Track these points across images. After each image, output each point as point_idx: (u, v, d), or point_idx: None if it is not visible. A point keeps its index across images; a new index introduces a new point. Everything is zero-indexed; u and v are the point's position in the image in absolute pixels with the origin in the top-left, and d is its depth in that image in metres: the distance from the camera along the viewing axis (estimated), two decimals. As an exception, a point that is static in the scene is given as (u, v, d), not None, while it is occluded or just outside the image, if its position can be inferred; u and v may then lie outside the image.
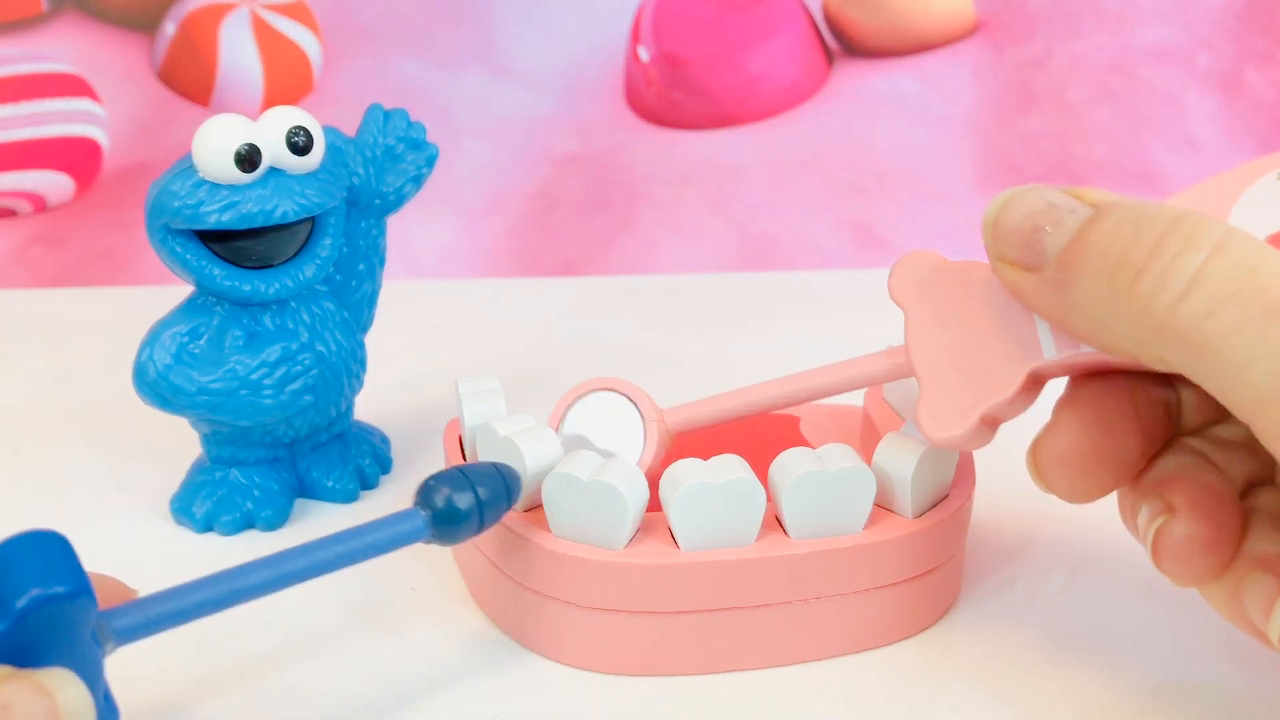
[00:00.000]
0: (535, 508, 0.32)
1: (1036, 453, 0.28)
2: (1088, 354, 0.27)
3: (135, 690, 0.29)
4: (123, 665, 0.26)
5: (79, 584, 0.23)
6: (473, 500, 0.28)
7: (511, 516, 0.31)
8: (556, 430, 0.33)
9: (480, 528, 0.29)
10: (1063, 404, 0.28)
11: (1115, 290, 0.24)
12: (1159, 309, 0.23)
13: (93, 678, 0.23)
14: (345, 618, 0.33)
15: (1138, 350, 0.24)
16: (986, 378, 0.28)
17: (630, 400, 0.33)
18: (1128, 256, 0.24)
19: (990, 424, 0.28)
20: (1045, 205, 0.26)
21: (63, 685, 0.22)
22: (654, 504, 0.31)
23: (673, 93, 0.59)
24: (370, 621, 0.33)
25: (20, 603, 0.22)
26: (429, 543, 0.29)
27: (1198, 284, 0.23)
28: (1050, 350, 0.27)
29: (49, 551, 0.23)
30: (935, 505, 0.32)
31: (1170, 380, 0.28)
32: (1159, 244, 0.24)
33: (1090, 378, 0.28)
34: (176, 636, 0.26)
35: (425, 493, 0.29)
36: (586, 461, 0.30)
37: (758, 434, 0.37)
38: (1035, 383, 0.28)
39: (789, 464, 0.31)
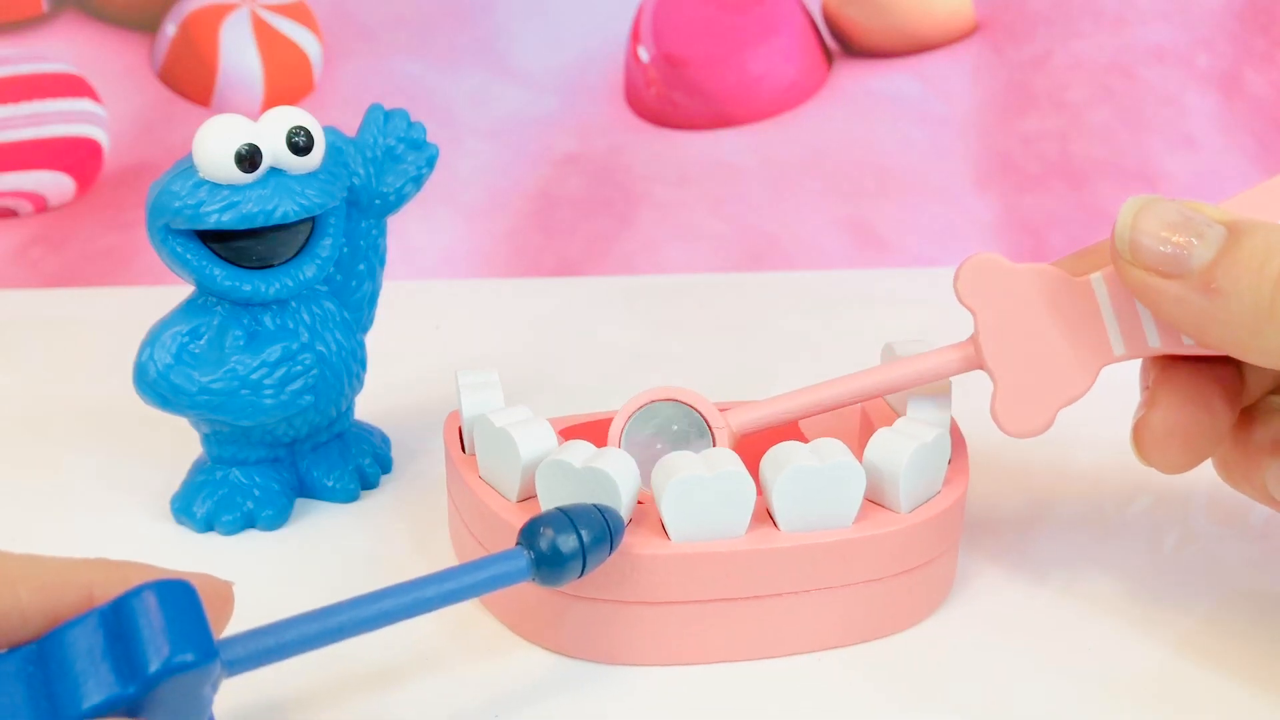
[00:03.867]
0: (530, 498, 0.32)
1: (1140, 431, 0.31)
2: (1154, 349, 0.30)
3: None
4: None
5: (209, 650, 0.22)
6: (576, 543, 0.28)
7: (506, 506, 0.32)
8: (619, 444, 0.33)
9: (583, 571, 0.28)
10: (1160, 384, 0.30)
11: (1275, 303, 0.26)
12: None
13: None
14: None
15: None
16: (1061, 376, 0.31)
17: (692, 408, 0.33)
18: None
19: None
20: (1182, 218, 0.28)
21: None
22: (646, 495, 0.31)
23: (673, 93, 0.59)
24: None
25: (152, 668, 0.22)
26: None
27: None
28: (1120, 349, 0.30)
29: (180, 606, 0.22)
30: (928, 501, 0.32)
31: (1231, 359, 0.30)
32: None
33: (1178, 359, 0.31)
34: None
35: (529, 534, 0.28)
36: (580, 450, 0.30)
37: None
38: None
39: (780, 457, 0.31)
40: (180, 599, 0.22)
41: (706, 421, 0.33)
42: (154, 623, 0.22)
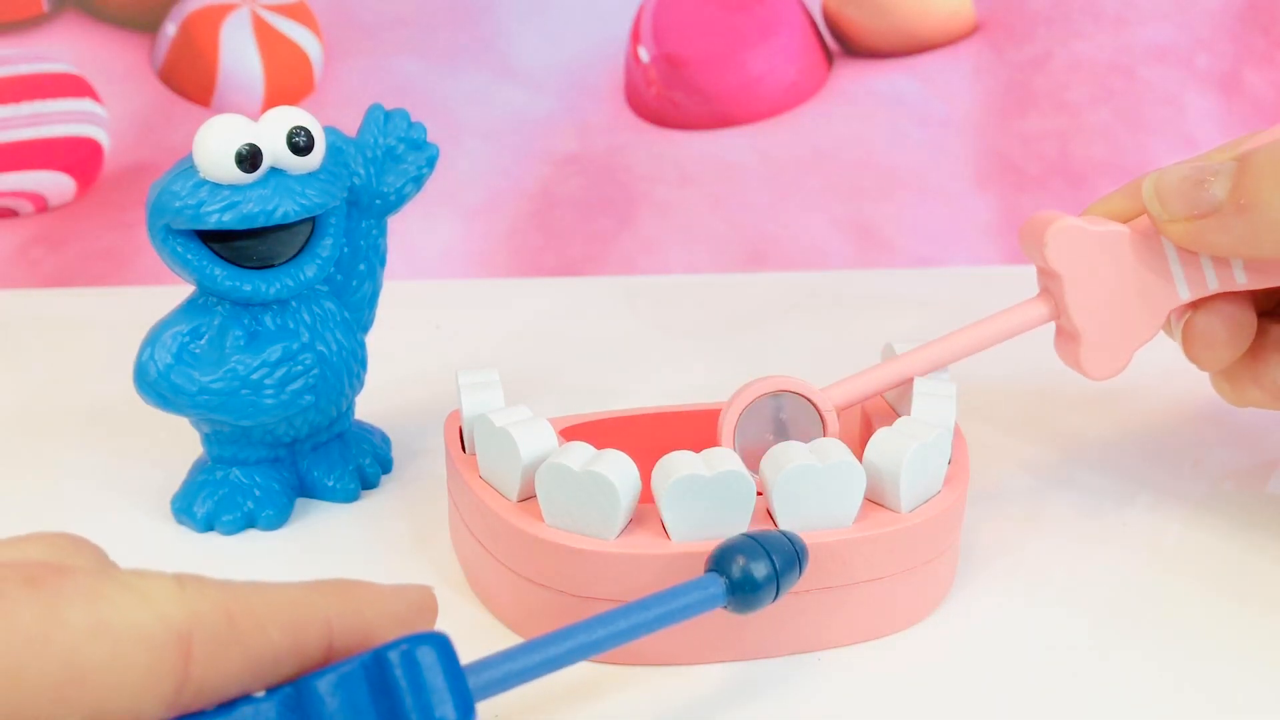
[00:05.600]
0: (530, 498, 0.32)
1: (1189, 330, 0.35)
2: (1213, 289, 0.34)
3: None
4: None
5: (470, 707, 0.22)
6: (769, 569, 0.28)
7: (506, 506, 0.32)
8: (733, 443, 0.33)
9: (777, 595, 0.28)
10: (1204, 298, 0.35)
11: None
12: None
13: None
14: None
15: None
16: (1135, 322, 0.35)
17: (802, 396, 0.34)
18: None
19: None
20: (1192, 169, 0.32)
21: None
22: (647, 495, 0.31)
23: (673, 93, 0.59)
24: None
25: None
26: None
27: None
28: (1185, 293, 0.34)
29: (440, 659, 0.22)
30: (928, 501, 0.32)
31: None
32: None
33: None
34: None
35: (721, 560, 0.28)
36: (579, 452, 0.31)
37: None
38: None
39: (780, 457, 0.31)
40: (439, 652, 0.22)
41: (817, 408, 0.34)
42: (417, 680, 0.22)
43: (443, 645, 0.22)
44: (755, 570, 0.28)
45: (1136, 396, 0.46)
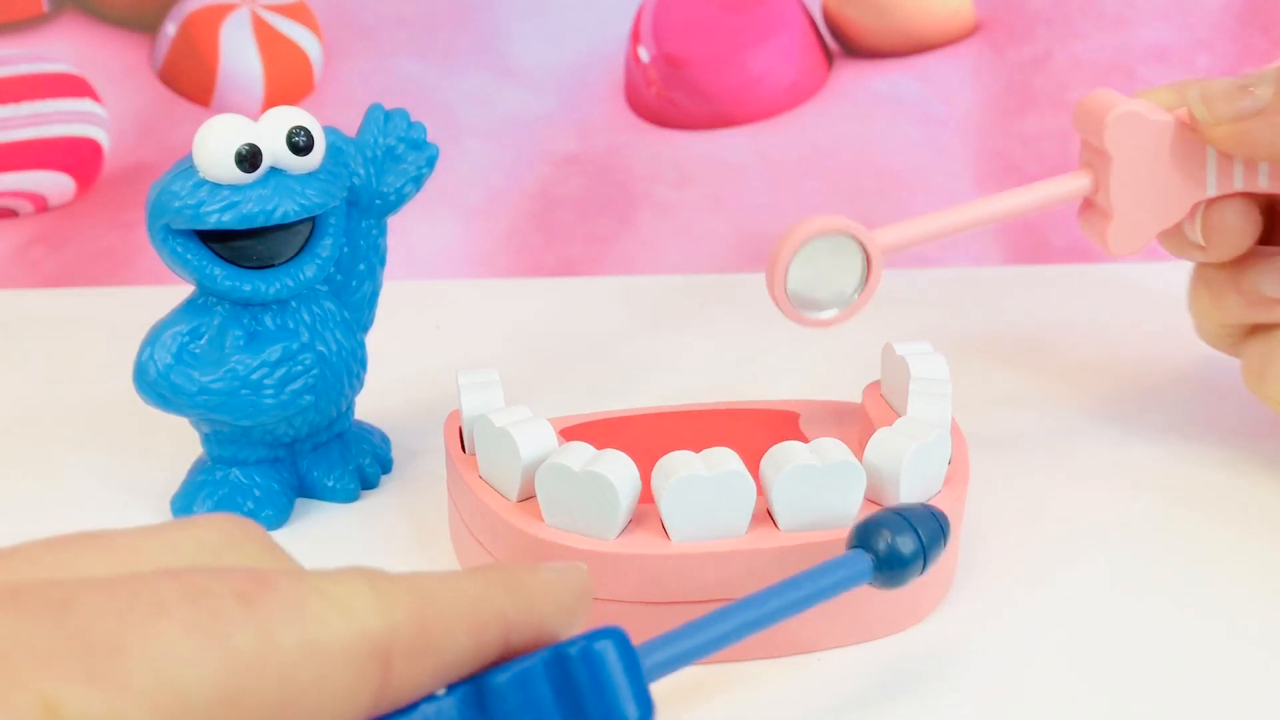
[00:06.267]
0: (530, 498, 0.32)
1: (1209, 218, 0.37)
2: (1238, 188, 0.37)
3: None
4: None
5: (649, 705, 0.22)
6: (916, 543, 0.28)
7: (505, 506, 0.32)
8: (785, 283, 0.36)
9: (924, 569, 0.28)
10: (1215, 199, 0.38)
11: None
12: None
13: None
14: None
15: None
16: (1163, 208, 0.37)
17: (849, 235, 0.36)
18: None
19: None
20: (1237, 80, 0.36)
21: None
22: (647, 495, 0.31)
23: (673, 93, 0.59)
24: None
25: None
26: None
27: None
28: (1212, 188, 0.37)
29: (620, 656, 0.22)
30: (928, 501, 0.32)
31: None
32: None
33: None
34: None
35: (864, 536, 0.28)
36: (579, 452, 0.30)
37: (756, 429, 0.37)
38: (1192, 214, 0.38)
39: (780, 457, 0.31)
40: (618, 647, 0.22)
41: (864, 245, 0.36)
42: (598, 677, 0.22)
43: (620, 640, 0.22)
44: (902, 545, 0.28)
45: (1143, 398, 0.46)
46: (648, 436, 0.36)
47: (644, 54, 0.59)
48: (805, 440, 0.36)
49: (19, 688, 0.17)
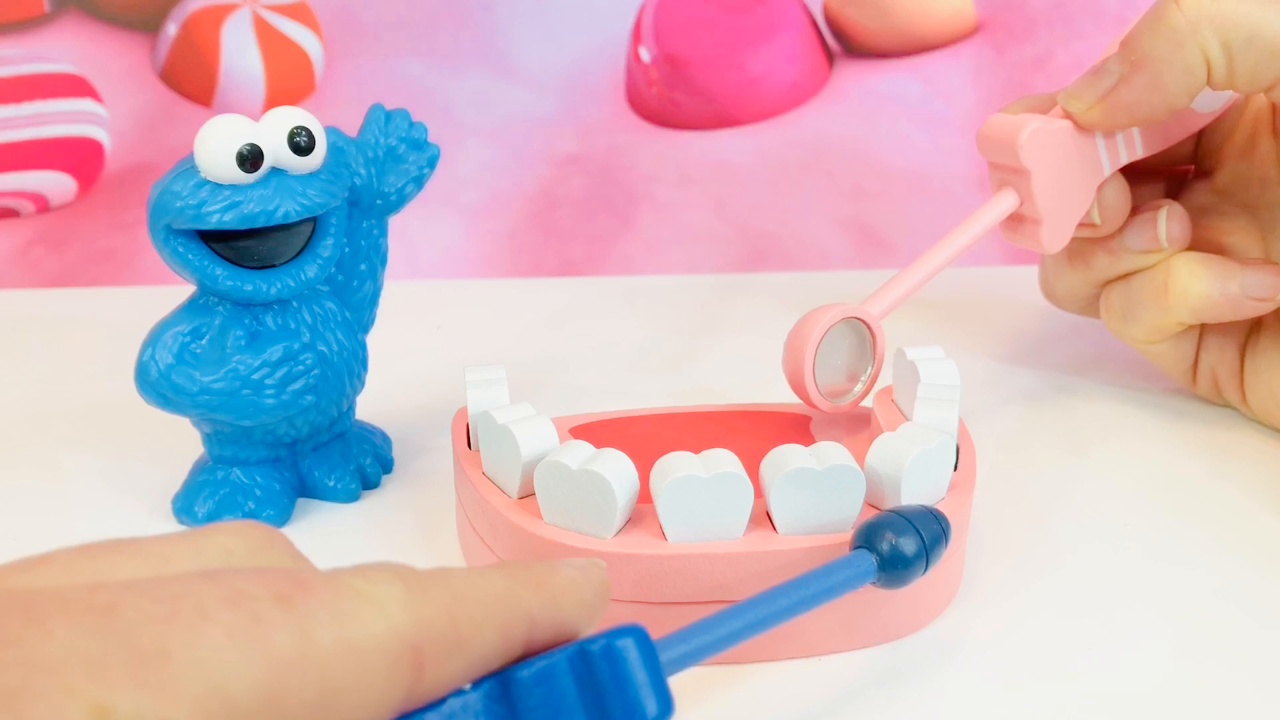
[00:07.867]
0: (530, 495, 0.32)
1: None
2: (1131, 159, 0.41)
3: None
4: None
5: (669, 702, 0.22)
6: (919, 544, 0.29)
7: (506, 502, 0.32)
8: (813, 365, 0.37)
9: (926, 569, 0.29)
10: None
11: (1169, 27, 0.37)
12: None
13: None
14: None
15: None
16: (1077, 200, 0.41)
17: (854, 319, 0.39)
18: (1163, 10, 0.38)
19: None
20: (1088, 71, 0.40)
21: None
22: (646, 495, 0.31)
23: (673, 93, 0.59)
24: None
25: None
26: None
27: None
28: (1107, 168, 0.41)
29: (641, 654, 0.22)
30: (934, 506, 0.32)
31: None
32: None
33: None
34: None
35: (869, 537, 0.29)
36: (577, 451, 0.30)
37: (766, 432, 0.37)
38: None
39: (779, 460, 0.31)
40: (639, 645, 0.22)
41: (868, 326, 0.39)
42: (620, 674, 0.22)
43: (641, 638, 0.22)
44: (905, 546, 0.29)
45: (1147, 397, 0.46)
46: (657, 437, 0.36)
47: (645, 54, 0.59)
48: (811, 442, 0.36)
49: (71, 696, 0.17)
